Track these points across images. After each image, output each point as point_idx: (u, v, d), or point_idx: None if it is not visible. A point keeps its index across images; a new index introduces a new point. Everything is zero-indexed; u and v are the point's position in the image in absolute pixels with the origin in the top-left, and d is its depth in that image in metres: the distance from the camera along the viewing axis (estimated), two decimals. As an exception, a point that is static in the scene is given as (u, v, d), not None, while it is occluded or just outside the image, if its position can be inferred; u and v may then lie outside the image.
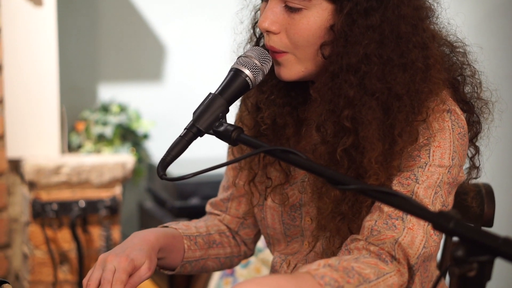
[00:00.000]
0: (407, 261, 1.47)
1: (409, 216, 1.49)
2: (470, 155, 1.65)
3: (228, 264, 1.87)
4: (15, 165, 3.54)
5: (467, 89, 1.64)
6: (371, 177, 1.51)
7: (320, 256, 1.68)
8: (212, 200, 1.91)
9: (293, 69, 1.59)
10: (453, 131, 1.54)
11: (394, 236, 1.48)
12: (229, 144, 1.47)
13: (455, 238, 1.26)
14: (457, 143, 1.55)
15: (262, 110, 1.70)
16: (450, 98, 1.58)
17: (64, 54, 3.72)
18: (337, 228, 1.58)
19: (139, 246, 1.62)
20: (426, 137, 1.54)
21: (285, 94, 1.68)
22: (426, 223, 1.50)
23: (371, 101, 1.50)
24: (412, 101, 1.52)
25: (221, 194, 1.88)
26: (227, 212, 1.87)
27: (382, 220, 1.50)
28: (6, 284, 1.63)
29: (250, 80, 1.52)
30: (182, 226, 1.79)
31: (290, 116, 1.68)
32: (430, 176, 1.52)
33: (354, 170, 1.53)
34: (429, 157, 1.53)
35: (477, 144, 1.67)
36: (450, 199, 1.56)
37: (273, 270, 1.79)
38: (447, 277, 1.95)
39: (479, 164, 1.68)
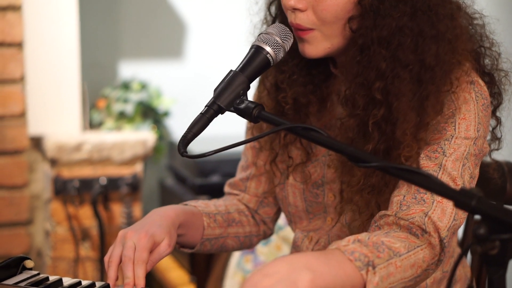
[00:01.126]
0: (438, 234, 1.47)
1: None
2: (491, 126, 1.65)
3: (247, 244, 1.86)
4: (37, 142, 3.56)
5: (487, 60, 1.64)
6: (405, 149, 1.52)
7: (344, 230, 1.68)
8: (231, 180, 1.91)
9: (320, 46, 1.59)
10: (477, 102, 1.55)
11: (424, 210, 1.48)
12: (250, 121, 1.47)
13: (477, 216, 1.25)
14: (481, 115, 1.55)
15: (283, 90, 1.69)
16: (473, 70, 1.57)
17: (85, 31, 3.72)
18: (365, 201, 1.58)
19: (158, 222, 1.62)
20: (451, 110, 1.54)
21: (306, 73, 1.68)
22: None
23: (404, 73, 1.51)
24: (442, 72, 1.53)
25: (240, 174, 1.88)
26: (246, 192, 1.87)
27: (410, 195, 1.50)
28: (28, 261, 1.64)
29: (271, 57, 1.51)
30: (201, 204, 1.79)
31: (313, 94, 1.68)
32: (457, 148, 1.52)
33: (385, 143, 1.53)
34: (455, 129, 1.53)
35: (498, 115, 1.67)
36: (477, 171, 1.57)
37: (295, 246, 1.79)
38: (469, 255, 1.95)
39: (501, 136, 1.69)
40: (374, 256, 1.36)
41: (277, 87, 1.71)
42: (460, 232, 1.95)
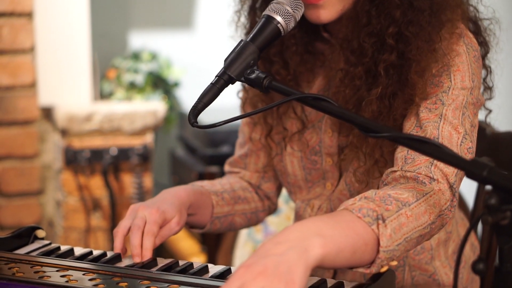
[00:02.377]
0: (447, 179, 1.47)
1: (440, 138, 1.50)
2: (482, 76, 1.66)
3: (254, 220, 1.87)
4: (47, 113, 3.56)
5: (470, 9, 1.65)
6: (418, 90, 1.54)
7: (344, 193, 1.68)
8: (230, 159, 1.92)
9: (334, 9, 1.60)
10: (468, 54, 1.57)
11: (429, 159, 1.48)
12: (260, 91, 1.46)
13: (488, 186, 1.25)
14: (474, 66, 1.58)
15: (276, 63, 1.70)
16: (460, 21, 1.58)
17: (95, 1, 3.71)
18: (370, 146, 1.59)
19: (170, 200, 1.62)
20: (444, 63, 1.55)
21: (301, 42, 1.70)
22: (459, 142, 1.50)
23: (419, 17, 1.53)
24: (449, 17, 1.56)
25: (238, 151, 1.89)
26: (246, 169, 1.87)
27: None
28: (40, 230, 1.65)
29: (282, 27, 1.51)
30: (207, 184, 1.80)
31: (305, 63, 1.70)
32: (456, 98, 1.54)
33: (392, 86, 1.54)
34: (451, 81, 1.55)
35: (487, 64, 1.68)
36: (476, 120, 1.59)
37: (297, 216, 1.79)
38: (479, 226, 1.95)
39: (492, 85, 1.70)
40: (383, 209, 1.36)
41: (269, 61, 1.72)
42: (471, 202, 1.95)
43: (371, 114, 1.57)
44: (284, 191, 1.93)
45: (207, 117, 1.87)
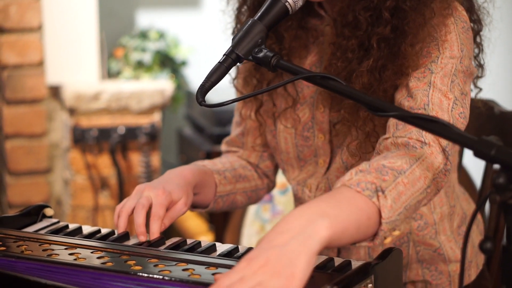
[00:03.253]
0: (438, 143, 1.47)
1: (430, 105, 1.50)
2: (474, 54, 1.66)
3: (254, 198, 1.88)
4: (55, 92, 3.57)
5: None
6: (409, 65, 1.54)
7: (341, 170, 1.69)
8: (227, 138, 1.91)
9: None
10: (456, 25, 1.58)
11: None
12: (268, 70, 1.46)
13: (496, 166, 1.25)
14: (462, 36, 1.58)
15: (268, 38, 1.71)
16: None
17: (102, -20, 3.71)
18: (362, 119, 1.59)
19: (176, 181, 1.62)
20: (433, 34, 1.57)
21: (298, 17, 1.71)
22: (450, 108, 1.51)
23: None
24: None
25: (235, 131, 1.89)
26: (244, 148, 1.87)
27: None
28: (48, 209, 1.66)
29: (290, 5, 1.50)
30: (208, 163, 1.80)
31: (298, 38, 1.70)
32: (444, 66, 1.55)
33: (383, 58, 1.55)
34: (439, 51, 1.56)
35: (479, 41, 1.68)
36: (467, 88, 1.59)
37: (297, 198, 1.79)
38: (487, 205, 1.95)
39: (484, 63, 1.71)
40: (380, 180, 1.36)
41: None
42: (478, 181, 1.95)
43: (361, 86, 1.57)
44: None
45: (214, 96, 1.87)
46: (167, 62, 3.73)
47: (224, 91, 2.05)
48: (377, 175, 1.36)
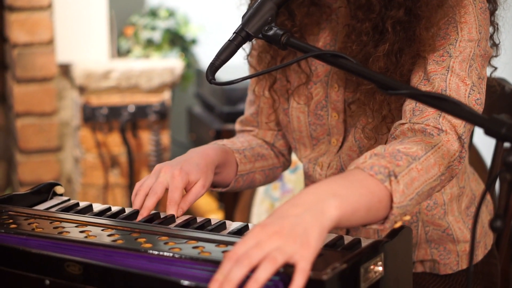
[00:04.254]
0: (455, 130, 1.47)
1: (448, 90, 1.50)
2: (490, 31, 1.66)
3: (271, 177, 1.88)
4: (65, 70, 3.57)
5: None
6: (425, 45, 1.53)
7: (354, 149, 1.69)
8: (241, 118, 1.91)
9: None
10: (475, 6, 1.57)
11: (437, 110, 1.48)
12: (278, 48, 1.46)
13: (507, 144, 1.24)
14: (480, 17, 1.57)
15: (280, 14, 1.70)
16: None
17: (112, -42, 3.70)
18: (378, 102, 1.59)
19: (196, 160, 1.62)
20: (451, 15, 1.55)
21: None
22: (467, 94, 1.50)
23: None
24: None
25: (249, 110, 1.88)
26: (259, 127, 1.87)
27: None
28: (59, 187, 1.66)
29: (300, -17, 1.50)
30: (227, 142, 1.79)
31: (311, 15, 1.69)
32: (463, 50, 1.54)
33: (399, 42, 1.54)
34: (457, 33, 1.55)
35: (494, 20, 1.67)
36: (484, 72, 1.59)
37: (307, 176, 1.79)
38: (497, 184, 1.95)
39: (499, 42, 1.70)
40: (394, 165, 1.36)
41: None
42: (489, 160, 1.94)
43: (378, 70, 1.57)
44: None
45: (224, 74, 1.87)
46: (177, 41, 3.72)
47: (234, 69, 2.05)
48: (391, 159, 1.36)
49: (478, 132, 1.49)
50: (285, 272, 1.15)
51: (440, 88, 1.51)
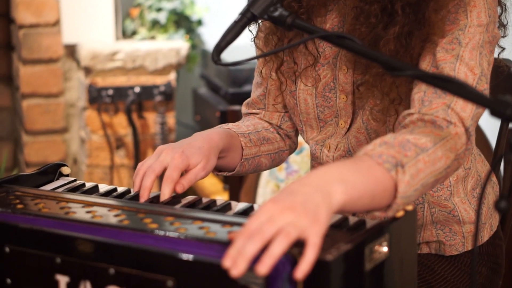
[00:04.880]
0: (462, 123, 1.48)
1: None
2: (498, 12, 1.65)
3: (277, 160, 1.88)
4: (71, 51, 3.57)
5: None
6: (435, 31, 1.52)
7: (362, 131, 1.69)
8: (248, 100, 1.90)
9: None
10: None
11: (446, 102, 1.49)
12: (283, 29, 1.46)
13: (511, 125, 1.24)
14: (489, 0, 1.56)
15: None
16: None
17: None
18: (388, 85, 1.59)
19: (199, 144, 1.62)
20: None
21: None
22: (475, 83, 1.51)
23: None
24: None
25: (256, 92, 1.87)
26: (266, 109, 1.86)
27: (431, 90, 1.51)
28: (65, 167, 1.67)
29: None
30: (233, 126, 1.79)
31: None
32: (472, 37, 1.53)
33: (409, 24, 1.54)
34: (467, 18, 1.54)
35: (502, 1, 1.67)
36: (492, 58, 1.59)
37: (314, 158, 1.79)
38: (502, 166, 1.95)
39: (507, 23, 1.69)
40: (402, 155, 1.36)
41: None
42: (493, 141, 1.94)
43: (388, 53, 1.57)
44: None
45: (230, 55, 1.87)
46: (182, 22, 3.72)
47: (240, 50, 2.05)
48: (399, 149, 1.37)
49: (483, 113, 1.50)
50: (291, 253, 1.16)
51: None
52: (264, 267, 1.11)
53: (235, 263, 1.12)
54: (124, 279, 1.24)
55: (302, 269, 1.13)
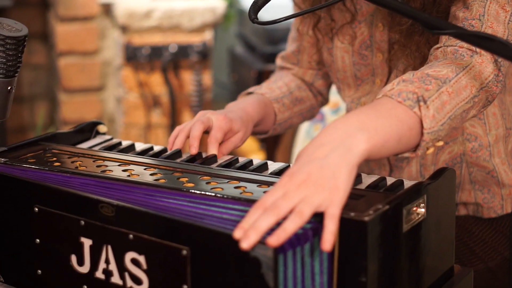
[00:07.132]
0: (491, 54, 1.44)
1: (486, 16, 1.46)
2: None
3: (309, 117, 1.89)
4: (107, 9, 3.57)
5: None
6: None
7: None
8: (282, 53, 1.90)
9: None
10: None
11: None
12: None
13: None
14: None
15: None
16: None
17: None
18: (416, 43, 1.56)
19: (239, 113, 1.64)
20: None
21: None
22: (507, 20, 1.46)
23: None
24: None
25: (291, 46, 1.87)
26: (299, 65, 1.86)
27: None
28: (101, 125, 1.67)
29: None
30: (267, 90, 1.79)
31: None
32: None
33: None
34: None
35: None
36: None
37: None
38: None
39: None
40: (423, 90, 1.32)
41: None
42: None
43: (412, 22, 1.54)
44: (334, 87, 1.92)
45: (266, 14, 1.85)
46: (218, -20, 3.70)
47: (277, 9, 2.03)
48: (419, 84, 1.33)
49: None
50: (316, 221, 1.15)
51: (478, 13, 1.47)
52: (276, 240, 1.10)
53: (246, 235, 1.11)
54: (142, 245, 1.24)
55: (326, 239, 1.12)
